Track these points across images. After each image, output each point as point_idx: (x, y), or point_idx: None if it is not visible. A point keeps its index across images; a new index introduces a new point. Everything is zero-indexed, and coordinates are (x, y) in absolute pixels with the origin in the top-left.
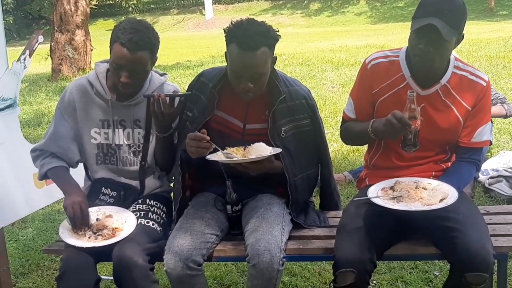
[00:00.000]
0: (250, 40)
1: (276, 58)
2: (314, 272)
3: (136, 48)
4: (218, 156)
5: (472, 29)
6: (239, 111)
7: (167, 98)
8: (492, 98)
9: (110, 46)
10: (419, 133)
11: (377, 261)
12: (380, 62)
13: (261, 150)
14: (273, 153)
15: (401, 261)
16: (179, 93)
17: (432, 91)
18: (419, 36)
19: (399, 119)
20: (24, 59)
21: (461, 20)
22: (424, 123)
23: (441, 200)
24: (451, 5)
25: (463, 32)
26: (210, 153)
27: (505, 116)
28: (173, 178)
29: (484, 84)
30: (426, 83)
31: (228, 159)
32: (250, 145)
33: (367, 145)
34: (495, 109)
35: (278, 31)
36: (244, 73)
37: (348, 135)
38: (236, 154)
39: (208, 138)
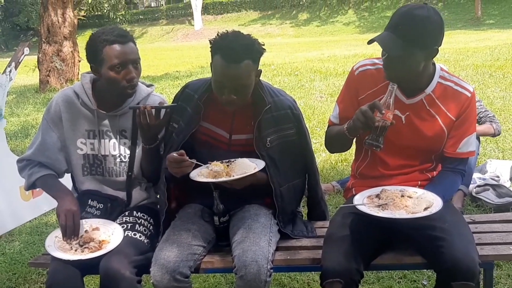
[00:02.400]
0: (234, 52)
1: (261, 71)
2: (302, 283)
3: (126, 40)
4: (202, 175)
5: (459, 38)
6: (225, 122)
7: (153, 110)
8: (481, 116)
9: (98, 56)
10: (386, 132)
11: (365, 271)
12: (367, 69)
13: (244, 167)
14: (257, 169)
15: (390, 271)
16: (165, 104)
17: (417, 100)
18: (383, 49)
19: (364, 112)
20: (10, 71)
21: (422, 35)
22: (408, 131)
23: (425, 209)
24: (409, 20)
25: (434, 47)
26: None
27: (493, 135)
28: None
29: (469, 94)
30: (410, 92)
31: (213, 180)
32: (233, 160)
33: (354, 154)
34: (484, 128)
35: (263, 45)
36: (227, 84)
37: (328, 138)
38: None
39: (187, 158)
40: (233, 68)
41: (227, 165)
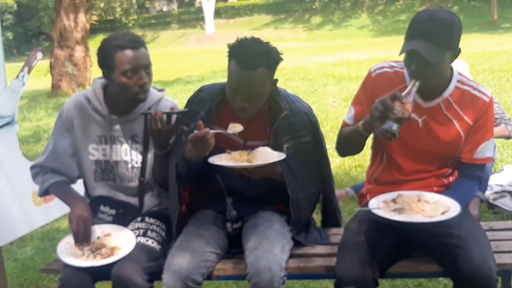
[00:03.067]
0: (249, 59)
1: (277, 80)
2: None
3: (138, 45)
4: (222, 160)
5: (475, 42)
6: None
7: (164, 116)
8: (497, 117)
9: (110, 62)
10: (403, 123)
11: (380, 279)
12: (385, 72)
13: (267, 155)
14: (279, 159)
15: (405, 279)
16: (177, 109)
17: (434, 104)
18: (410, 57)
19: (383, 101)
20: (23, 76)
21: (450, 37)
22: (425, 135)
23: (442, 213)
24: (436, 24)
25: (458, 47)
26: (212, 153)
27: (507, 137)
28: None
29: (487, 99)
30: (428, 95)
31: (233, 164)
32: (254, 149)
33: (370, 160)
34: (498, 130)
35: (281, 54)
36: (240, 91)
37: (340, 138)
38: (240, 157)
39: (208, 129)
40: (247, 75)
41: (248, 153)
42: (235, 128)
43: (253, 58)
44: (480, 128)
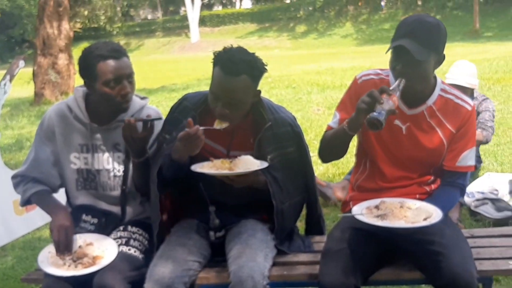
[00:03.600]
0: (233, 65)
1: (260, 92)
2: None
3: (120, 55)
4: (204, 168)
5: (457, 50)
6: (223, 138)
7: (140, 123)
8: (482, 121)
9: (92, 72)
10: (389, 115)
11: (362, 286)
12: (370, 79)
13: (248, 163)
14: (260, 167)
15: (388, 286)
16: (158, 116)
17: (418, 111)
18: (396, 58)
19: (370, 92)
20: (5, 85)
21: (436, 40)
22: (408, 142)
23: (425, 219)
24: (424, 25)
25: (443, 53)
26: (195, 162)
27: (480, 143)
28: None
29: (469, 108)
30: (412, 103)
31: (215, 172)
32: (236, 157)
33: (354, 167)
34: None
35: (266, 65)
36: (222, 96)
37: (324, 141)
38: (222, 165)
39: (198, 126)
40: (230, 80)
41: (230, 161)
42: (221, 124)
43: (237, 65)
44: (463, 137)
